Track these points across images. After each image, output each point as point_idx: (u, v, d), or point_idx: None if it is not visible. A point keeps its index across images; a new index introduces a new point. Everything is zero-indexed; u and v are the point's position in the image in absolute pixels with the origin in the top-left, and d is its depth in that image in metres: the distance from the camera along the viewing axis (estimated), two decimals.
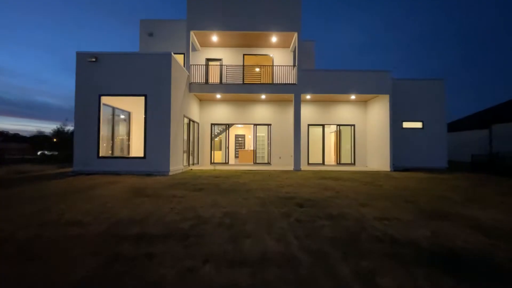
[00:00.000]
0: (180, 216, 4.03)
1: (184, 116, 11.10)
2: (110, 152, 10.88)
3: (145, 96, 9.12)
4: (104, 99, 9.45)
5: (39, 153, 23.51)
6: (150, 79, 9.18)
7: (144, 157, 9.04)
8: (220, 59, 14.33)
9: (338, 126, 14.40)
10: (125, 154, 11.85)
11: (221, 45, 14.12)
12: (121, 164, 9.11)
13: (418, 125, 13.37)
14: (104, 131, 10.40)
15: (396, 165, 12.35)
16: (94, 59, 8.98)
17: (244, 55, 14.39)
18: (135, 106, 11.76)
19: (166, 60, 9.21)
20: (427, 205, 4.95)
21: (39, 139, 27.64)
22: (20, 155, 22.04)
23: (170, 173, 9.14)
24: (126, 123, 12.44)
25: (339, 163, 14.32)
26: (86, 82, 9.08)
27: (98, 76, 9.11)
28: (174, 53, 10.93)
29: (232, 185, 7.04)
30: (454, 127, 22.31)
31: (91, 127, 9.02)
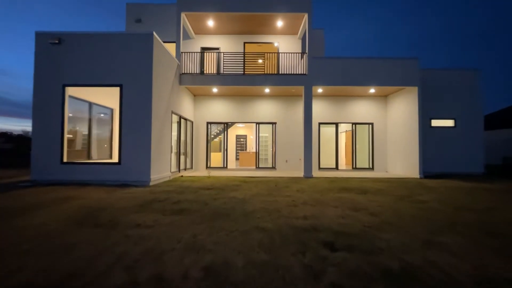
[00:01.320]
0: (127, 277, 2.28)
1: (173, 112, 9.29)
2: (86, 157, 9.14)
3: (120, 86, 7.31)
4: (71, 91, 7.69)
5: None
6: (127, 65, 7.34)
7: (119, 163, 7.22)
8: (217, 48, 12.49)
9: (353, 125, 12.48)
10: (105, 159, 10.10)
11: (218, 31, 12.31)
12: (91, 172, 7.30)
13: (450, 123, 11.42)
14: (74, 130, 8.70)
15: (424, 170, 10.43)
16: (57, 41, 7.19)
17: (245, 43, 12.55)
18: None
19: (146, 41, 7.38)
20: None
21: (27, 139, 26.09)
22: (11, 157, 20.52)
23: (152, 183, 7.33)
24: (108, 122, 10.69)
25: (354, 167, 12.41)
26: (47, 69, 7.28)
27: (62, 62, 7.29)
28: (166, 42, 9.17)
29: (226, 204, 5.23)
30: None
31: (53, 125, 7.22)
